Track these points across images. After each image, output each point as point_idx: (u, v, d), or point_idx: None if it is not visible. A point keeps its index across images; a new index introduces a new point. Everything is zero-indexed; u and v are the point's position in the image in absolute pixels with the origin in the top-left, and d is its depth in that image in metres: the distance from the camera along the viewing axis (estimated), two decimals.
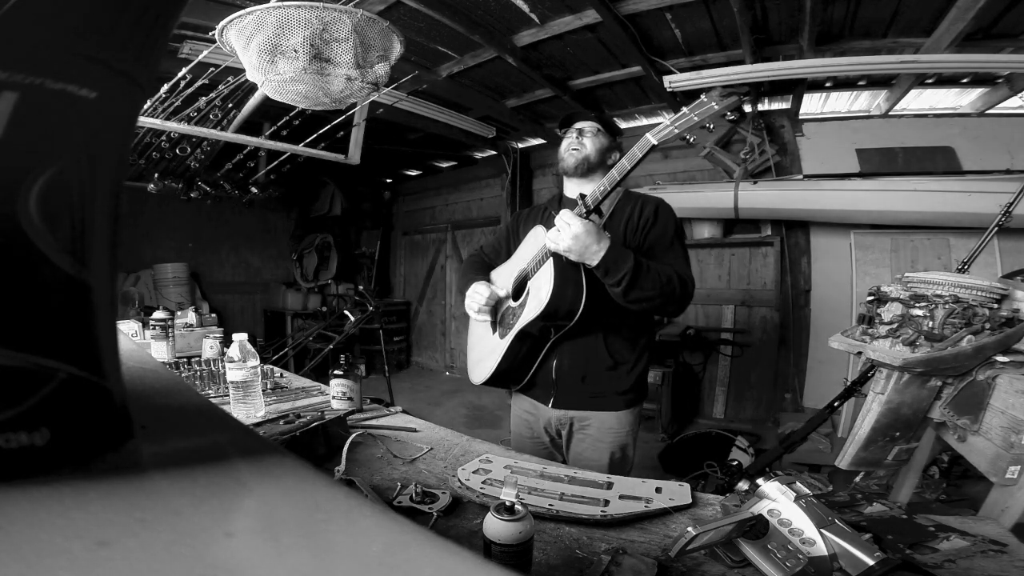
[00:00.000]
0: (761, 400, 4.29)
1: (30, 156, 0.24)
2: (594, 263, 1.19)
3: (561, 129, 1.54)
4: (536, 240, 1.40)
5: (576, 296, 1.27)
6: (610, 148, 1.48)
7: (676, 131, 1.13)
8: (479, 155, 5.83)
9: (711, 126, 1.15)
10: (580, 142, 1.45)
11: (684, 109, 1.13)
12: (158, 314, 2.02)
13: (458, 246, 6.35)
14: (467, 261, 1.74)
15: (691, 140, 1.14)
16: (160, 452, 0.32)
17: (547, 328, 1.37)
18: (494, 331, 1.52)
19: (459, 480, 0.98)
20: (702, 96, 1.12)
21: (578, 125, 1.48)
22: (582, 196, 1.23)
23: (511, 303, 1.47)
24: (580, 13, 2.80)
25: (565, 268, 1.27)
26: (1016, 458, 1.02)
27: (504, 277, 1.54)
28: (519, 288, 1.46)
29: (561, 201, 1.56)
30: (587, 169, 1.45)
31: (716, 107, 1.10)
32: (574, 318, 1.29)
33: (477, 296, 1.48)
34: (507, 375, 1.49)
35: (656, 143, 1.13)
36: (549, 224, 1.40)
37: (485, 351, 1.54)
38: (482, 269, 1.64)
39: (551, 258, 1.29)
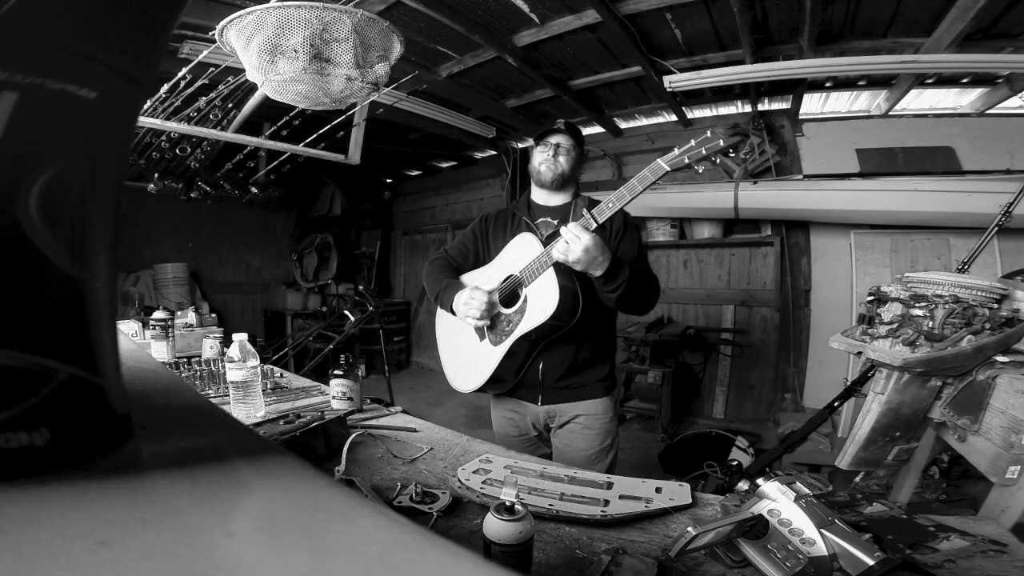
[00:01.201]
0: (761, 400, 4.29)
1: (30, 156, 0.24)
2: (598, 274, 1.28)
3: (536, 142, 1.60)
4: (528, 248, 1.42)
5: (575, 302, 1.38)
6: (580, 162, 1.61)
7: (687, 160, 1.25)
8: (479, 155, 5.83)
9: (716, 159, 1.27)
10: (556, 160, 1.54)
11: (692, 142, 1.26)
12: (158, 314, 2.02)
13: None
14: (433, 264, 1.68)
15: (700, 170, 1.29)
16: (160, 452, 0.32)
17: (547, 332, 1.40)
18: (482, 338, 1.51)
19: (459, 480, 0.98)
20: (708, 132, 1.25)
21: (555, 140, 1.55)
22: (589, 209, 1.31)
23: (503, 309, 1.47)
24: (580, 13, 2.79)
25: (566, 276, 1.35)
26: (1016, 458, 1.02)
27: (484, 282, 1.52)
28: (512, 295, 1.46)
29: (531, 207, 1.61)
30: (562, 183, 1.56)
31: (722, 143, 1.24)
32: (572, 322, 1.38)
33: (474, 303, 1.44)
34: (498, 380, 1.51)
35: (669, 169, 1.25)
36: (520, 229, 1.51)
37: (473, 358, 1.54)
38: (452, 273, 1.63)
39: (552, 267, 1.33)
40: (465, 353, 1.58)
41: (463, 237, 1.71)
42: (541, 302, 1.36)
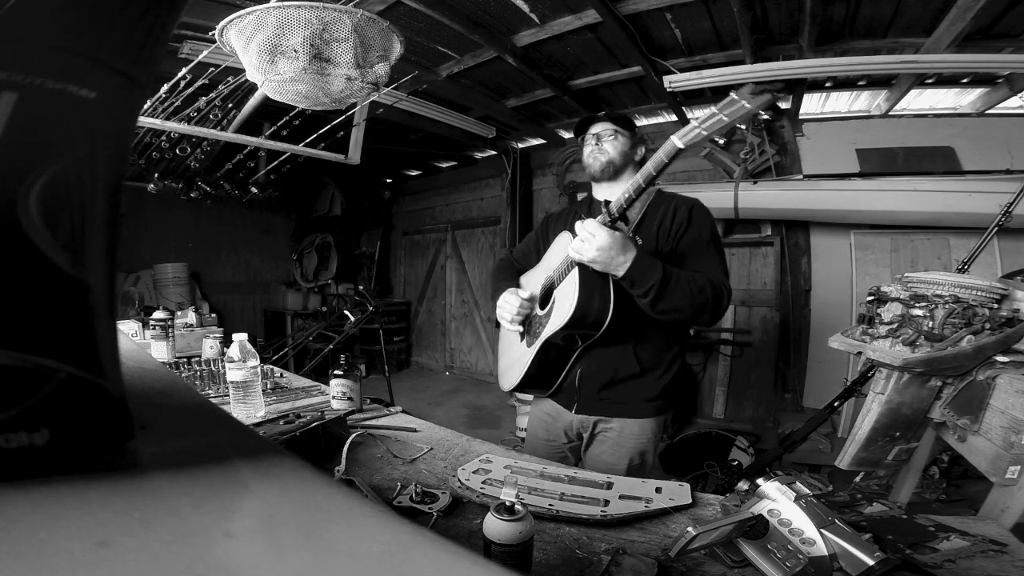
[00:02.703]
0: (761, 400, 4.29)
1: (30, 156, 0.24)
2: (620, 274, 1.15)
3: (578, 137, 1.52)
4: (563, 247, 1.36)
5: (603, 307, 1.22)
6: (633, 145, 1.47)
7: (704, 133, 1.03)
8: (479, 155, 5.83)
9: (746, 127, 1.07)
10: (600, 148, 1.44)
11: (712, 108, 1.02)
12: (158, 314, 2.02)
13: (458, 246, 6.35)
14: (496, 265, 1.71)
15: (722, 143, 1.08)
16: (160, 452, 0.32)
17: (573, 338, 1.33)
18: (522, 339, 1.48)
19: (459, 480, 0.98)
20: (731, 95, 1.00)
21: (594, 130, 1.46)
22: (606, 203, 1.19)
23: (538, 311, 1.43)
24: (580, 13, 2.80)
25: (591, 278, 1.22)
26: (1016, 458, 1.02)
27: (533, 283, 1.50)
28: (545, 296, 1.42)
29: (591, 204, 1.53)
30: (614, 172, 1.44)
31: (748, 106, 0.98)
32: (601, 328, 1.25)
33: (507, 306, 1.43)
34: (534, 382, 1.46)
35: (683, 147, 1.04)
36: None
37: (513, 358, 1.51)
38: (512, 274, 1.61)
39: (576, 267, 1.24)
40: (510, 352, 1.56)
41: (528, 238, 1.69)
42: (563, 306, 1.27)
